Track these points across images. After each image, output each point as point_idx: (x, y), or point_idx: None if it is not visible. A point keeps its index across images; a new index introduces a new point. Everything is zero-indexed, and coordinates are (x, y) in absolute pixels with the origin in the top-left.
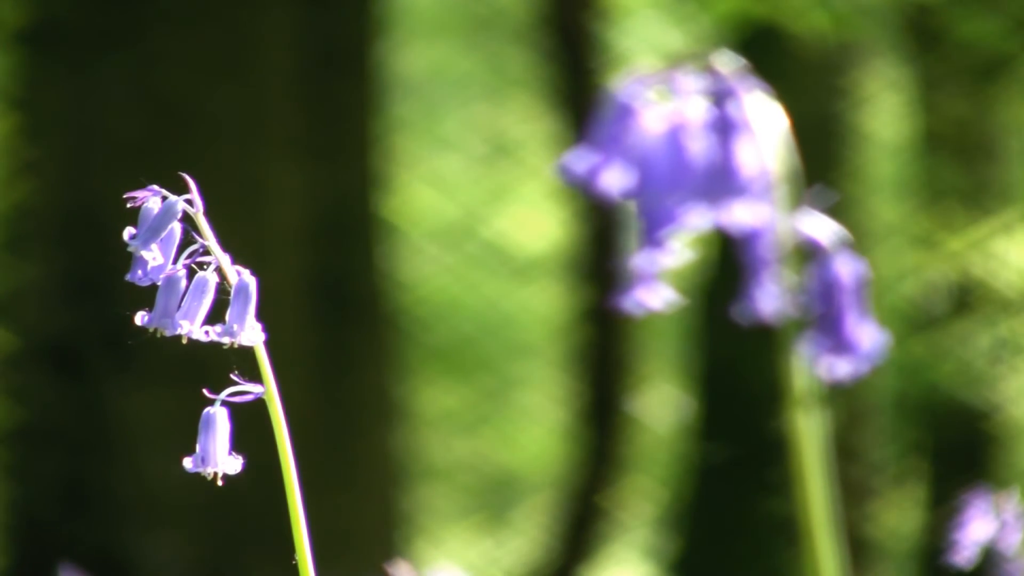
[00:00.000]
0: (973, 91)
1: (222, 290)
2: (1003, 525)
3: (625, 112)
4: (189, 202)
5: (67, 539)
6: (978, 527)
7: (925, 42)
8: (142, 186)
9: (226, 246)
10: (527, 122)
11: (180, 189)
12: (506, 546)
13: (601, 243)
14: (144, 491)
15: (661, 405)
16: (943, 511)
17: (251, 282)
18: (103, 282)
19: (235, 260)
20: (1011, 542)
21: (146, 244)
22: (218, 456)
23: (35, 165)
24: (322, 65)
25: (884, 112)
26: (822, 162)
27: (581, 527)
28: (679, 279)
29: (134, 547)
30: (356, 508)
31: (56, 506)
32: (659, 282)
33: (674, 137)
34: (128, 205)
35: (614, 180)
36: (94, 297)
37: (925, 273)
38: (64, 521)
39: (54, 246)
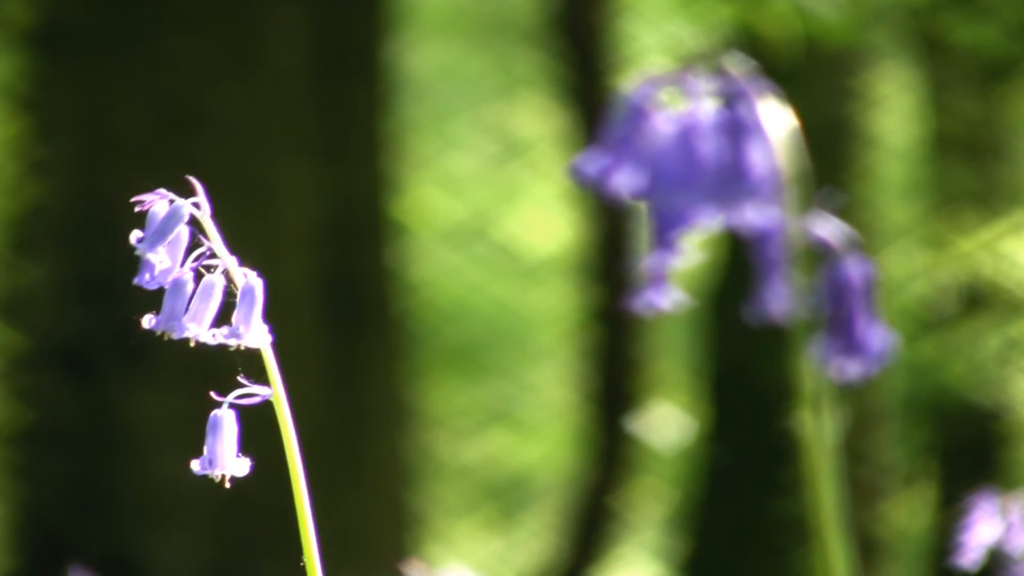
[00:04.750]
0: (983, 92)
1: (230, 292)
2: (1010, 527)
3: (636, 114)
4: (196, 205)
5: (77, 541)
6: (984, 529)
7: (933, 45)
8: (152, 187)
9: (236, 247)
10: (538, 122)
11: (189, 191)
12: (516, 546)
13: (612, 244)
14: (154, 493)
15: (672, 408)
16: (953, 512)
17: (257, 284)
18: (114, 284)
19: (245, 261)
20: (1018, 544)
21: (153, 247)
22: (226, 458)
23: (45, 166)
24: (332, 66)
25: (895, 113)
26: (833, 163)
27: (591, 528)
28: (690, 280)
29: (144, 549)
30: (367, 509)
31: (66, 508)
32: (670, 283)
33: (685, 139)
34: (136, 209)
35: (625, 182)
36: (105, 298)
37: (935, 274)
38: (74, 523)
39: (65, 247)
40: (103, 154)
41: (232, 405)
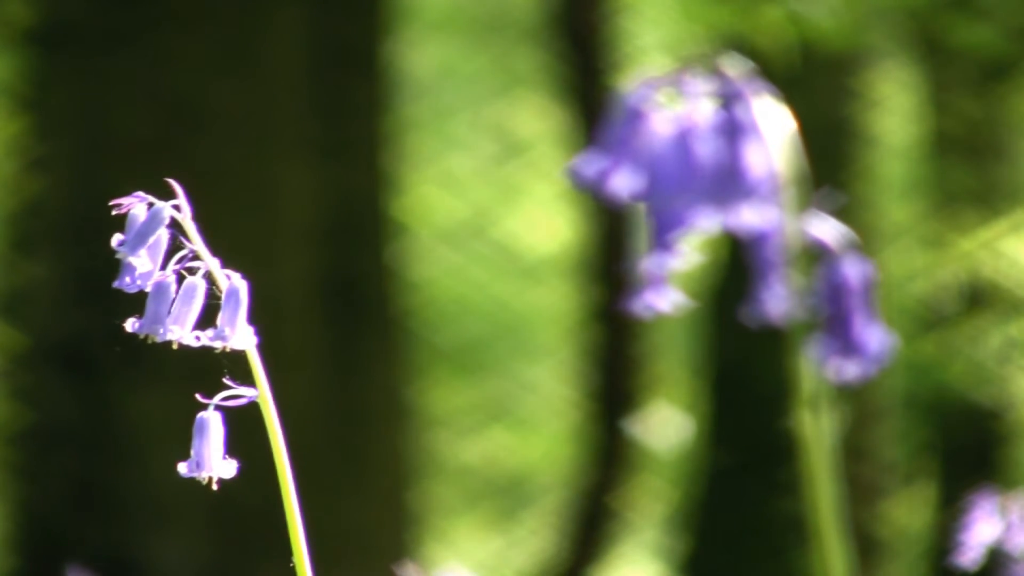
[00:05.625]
0: (983, 92)
1: (217, 295)
2: (1009, 526)
3: (634, 115)
4: (177, 208)
5: (77, 540)
6: (984, 528)
7: (932, 45)
8: (151, 186)
9: (236, 246)
10: (537, 121)
11: (183, 190)
12: (516, 546)
13: (612, 244)
14: (155, 492)
15: (671, 408)
16: (953, 511)
17: (242, 286)
18: (113, 282)
19: (245, 260)
20: (1017, 543)
21: (134, 250)
22: (212, 460)
23: (46, 164)
24: (332, 64)
25: (895, 113)
26: (833, 163)
27: (591, 527)
28: (689, 281)
29: (144, 548)
30: (366, 508)
31: (65, 507)
32: (668, 285)
33: (682, 140)
34: (114, 212)
35: (623, 183)
36: (104, 297)
37: (935, 273)
38: (74, 522)
39: (65, 246)
40: (103, 153)
41: (223, 407)
